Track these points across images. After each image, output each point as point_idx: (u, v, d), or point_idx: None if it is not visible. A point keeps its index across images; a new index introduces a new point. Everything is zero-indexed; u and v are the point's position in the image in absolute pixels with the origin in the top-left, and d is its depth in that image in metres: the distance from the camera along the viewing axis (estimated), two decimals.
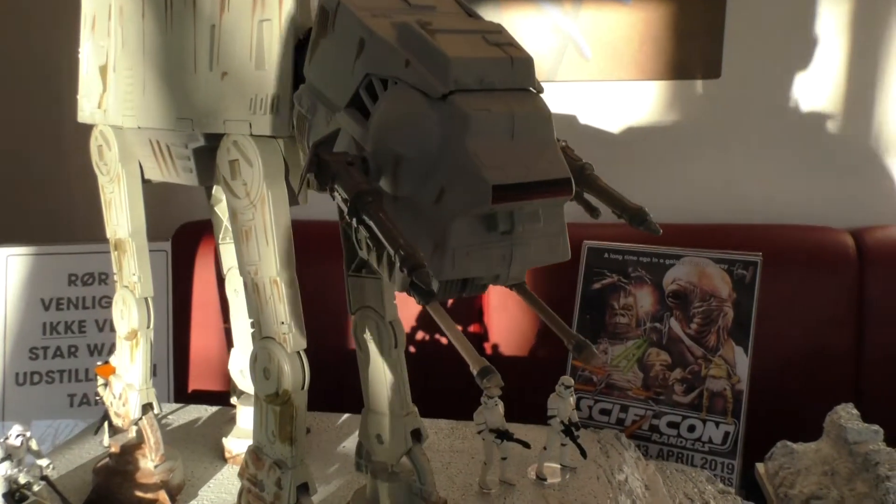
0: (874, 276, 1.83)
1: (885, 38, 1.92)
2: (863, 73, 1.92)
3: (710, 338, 1.46)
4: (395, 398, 1.00)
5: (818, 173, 1.98)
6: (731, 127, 1.97)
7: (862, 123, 1.95)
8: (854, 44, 1.93)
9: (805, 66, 1.93)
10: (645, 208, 0.69)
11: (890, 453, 1.24)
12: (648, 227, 0.69)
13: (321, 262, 1.35)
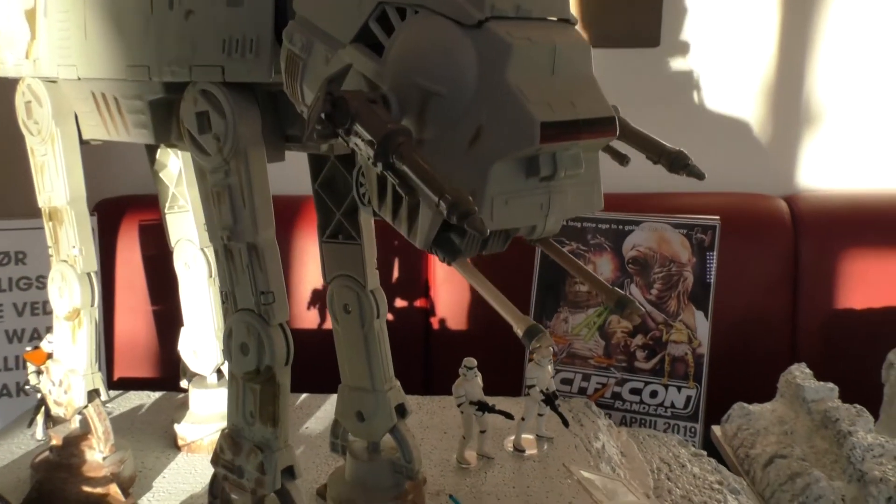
0: (807, 241, 1.90)
1: (817, 11, 1.97)
2: (795, 44, 1.97)
3: (670, 303, 1.46)
4: (377, 372, 0.93)
5: (752, 141, 2.03)
6: (668, 96, 1.99)
7: (794, 93, 2.00)
8: (787, 16, 1.98)
9: (741, 37, 1.96)
10: (685, 151, 0.66)
11: (848, 409, 1.28)
12: (691, 171, 0.65)
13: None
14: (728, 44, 1.96)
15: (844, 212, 1.94)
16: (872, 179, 2.01)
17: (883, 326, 1.83)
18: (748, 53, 1.97)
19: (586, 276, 0.64)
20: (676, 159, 0.65)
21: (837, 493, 1.14)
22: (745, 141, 2.02)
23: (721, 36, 1.96)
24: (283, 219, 0.82)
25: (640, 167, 2.20)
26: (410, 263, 2.00)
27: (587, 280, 0.64)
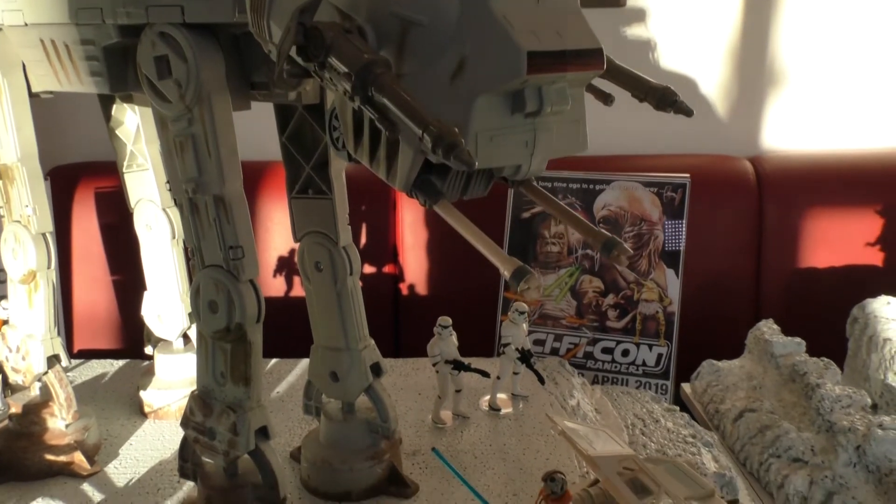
0: (772, 201, 1.92)
1: None
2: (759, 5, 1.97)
3: (641, 262, 1.46)
4: (351, 331, 0.91)
5: (718, 103, 2.03)
6: (632, 57, 1.97)
7: (758, 55, 2.01)
8: None
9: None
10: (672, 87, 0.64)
11: (816, 363, 1.30)
12: (679, 107, 0.64)
13: None
14: (693, 5, 1.95)
15: (808, 172, 1.96)
16: (835, 140, 2.03)
17: (845, 284, 1.85)
18: (713, 15, 1.96)
19: (572, 219, 0.62)
20: (663, 96, 0.63)
21: (807, 444, 1.15)
22: (710, 103, 2.02)
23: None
24: (246, 185, 0.79)
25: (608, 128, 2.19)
26: (378, 229, 1.97)
27: (573, 224, 0.62)
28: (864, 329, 1.43)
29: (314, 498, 0.93)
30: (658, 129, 2.04)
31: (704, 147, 2.02)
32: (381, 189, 1.98)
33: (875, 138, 2.02)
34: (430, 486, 0.96)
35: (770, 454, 1.19)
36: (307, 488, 0.94)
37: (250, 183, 1.39)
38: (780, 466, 1.15)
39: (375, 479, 0.93)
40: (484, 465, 1.00)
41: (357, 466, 0.92)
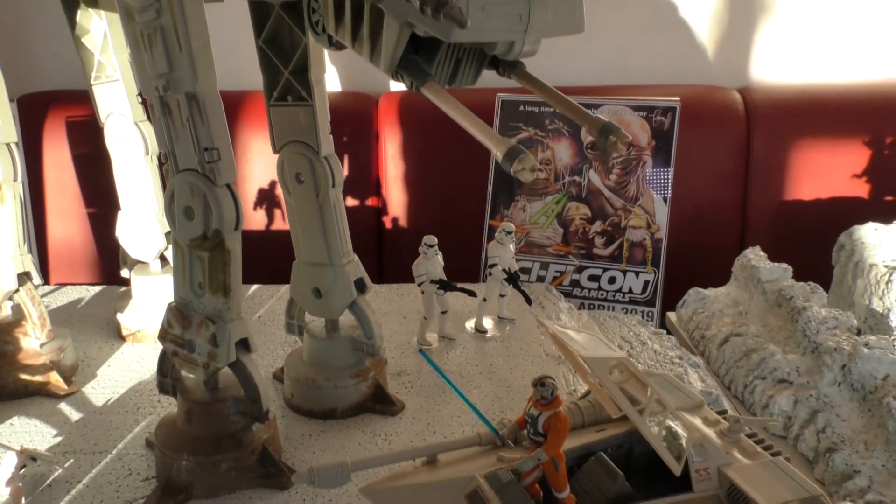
0: (760, 132, 1.89)
1: None
2: None
3: (629, 188, 1.44)
4: (334, 245, 0.88)
5: (709, 34, 1.98)
6: None
7: None
8: None
9: None
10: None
11: (802, 287, 1.29)
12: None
13: None
14: None
15: (796, 104, 1.93)
16: (824, 72, 2.00)
17: (831, 213, 1.85)
18: None
19: (568, 105, 0.59)
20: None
21: (792, 365, 1.15)
22: (701, 34, 1.98)
23: None
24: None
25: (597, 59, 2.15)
26: (360, 162, 1.93)
27: (569, 110, 0.59)
28: (851, 255, 1.42)
29: (298, 416, 0.92)
30: (648, 60, 1.99)
31: (694, 78, 1.99)
32: (363, 120, 1.93)
33: (863, 70, 1.99)
34: (415, 405, 0.94)
35: (755, 376, 1.19)
36: (290, 406, 0.93)
37: (230, 114, 1.33)
38: (764, 388, 1.15)
39: (360, 396, 0.91)
40: (471, 383, 0.99)
41: (342, 384, 0.90)
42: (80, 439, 0.86)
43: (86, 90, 1.05)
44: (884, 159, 1.87)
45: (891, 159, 1.87)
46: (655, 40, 1.97)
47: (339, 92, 2.02)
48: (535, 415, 0.67)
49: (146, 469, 0.82)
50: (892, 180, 1.87)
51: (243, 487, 0.78)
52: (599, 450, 0.74)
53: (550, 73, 1.28)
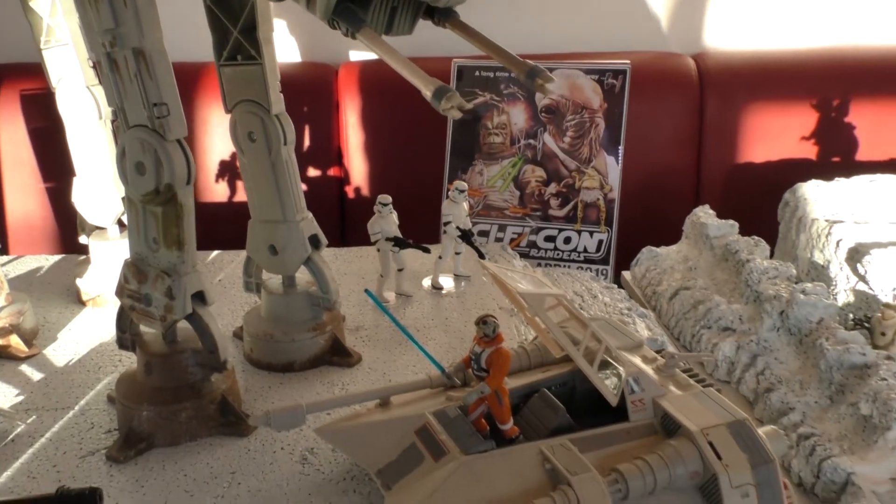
0: (713, 97, 1.95)
1: None
2: None
3: (582, 150, 1.47)
4: (288, 202, 0.90)
5: (663, 3, 2.02)
6: None
7: None
8: None
9: None
10: None
11: (747, 241, 1.35)
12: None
13: None
14: None
15: (747, 69, 1.99)
16: (774, 39, 2.05)
17: (781, 175, 1.91)
18: None
19: (497, 50, 0.62)
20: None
21: (735, 314, 1.21)
22: (657, 2, 2.02)
23: None
24: (183, 88, 0.75)
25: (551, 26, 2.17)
26: (321, 131, 1.94)
27: (498, 55, 0.62)
28: (794, 211, 1.48)
29: (258, 370, 0.94)
30: (602, 27, 2.03)
31: (650, 45, 2.03)
32: (323, 90, 1.94)
33: (811, 37, 2.05)
34: (372, 356, 0.98)
35: (702, 326, 1.24)
36: (250, 361, 0.95)
37: (187, 86, 1.34)
38: (710, 336, 1.21)
39: (318, 349, 0.94)
40: (426, 336, 1.03)
41: (299, 338, 0.93)
42: (42, 397, 0.88)
43: (38, 63, 1.05)
44: (830, 121, 1.94)
45: (836, 121, 1.94)
46: (613, 9, 2.00)
47: (299, 62, 2.02)
48: (479, 352, 0.70)
49: (108, 423, 0.84)
50: (838, 141, 1.94)
51: (204, 435, 0.81)
52: (543, 387, 0.78)
53: (510, 40, 1.30)
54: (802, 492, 0.94)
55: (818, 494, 0.91)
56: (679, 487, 0.68)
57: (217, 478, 0.75)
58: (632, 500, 0.67)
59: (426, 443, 0.71)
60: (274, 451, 0.80)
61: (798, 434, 0.97)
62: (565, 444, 0.70)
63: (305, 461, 0.78)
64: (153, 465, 0.77)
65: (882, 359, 0.98)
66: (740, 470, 0.67)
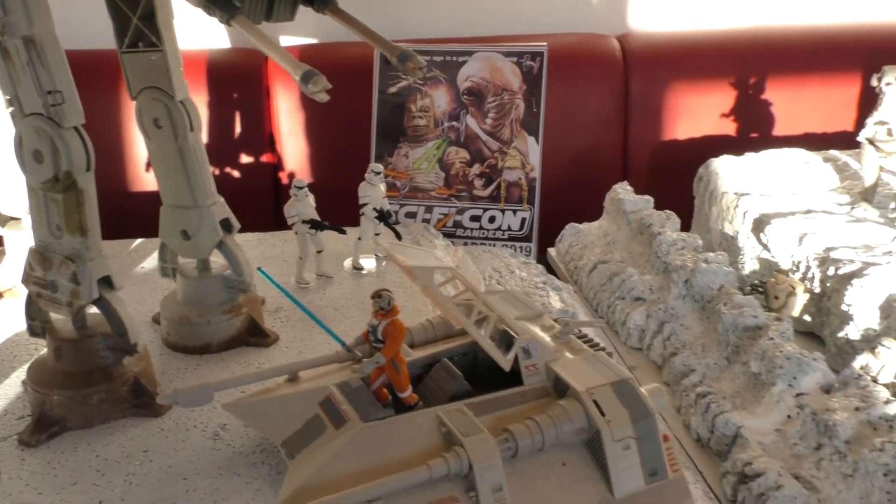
0: (637, 77, 2.00)
1: None
2: None
3: (504, 131, 1.51)
4: (198, 187, 0.92)
5: None
6: None
7: None
8: None
9: None
10: None
11: (660, 215, 1.41)
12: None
13: None
14: None
15: (670, 49, 2.05)
16: (695, 20, 2.12)
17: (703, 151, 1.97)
18: None
19: (372, 36, 0.65)
20: None
21: (646, 284, 1.27)
22: None
23: None
24: (91, 77, 0.75)
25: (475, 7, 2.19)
26: (252, 118, 1.94)
27: (373, 40, 0.65)
28: (707, 185, 1.55)
29: (175, 353, 0.96)
30: (529, 8, 2.07)
31: (575, 26, 2.07)
32: (253, 77, 1.94)
33: (731, 18, 2.12)
34: (290, 336, 1.00)
35: (616, 297, 1.30)
36: (167, 345, 0.97)
37: (109, 75, 1.32)
38: (623, 306, 1.26)
39: (235, 330, 0.96)
40: (343, 315, 1.06)
41: (215, 320, 0.95)
42: None
43: None
44: (748, 99, 2.02)
45: (754, 98, 2.01)
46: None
47: (229, 48, 2.02)
48: (375, 324, 0.74)
49: (22, 409, 0.85)
50: (756, 117, 2.02)
51: (118, 417, 0.83)
52: (445, 357, 0.82)
53: (436, 25, 1.32)
54: (700, 447, 1.00)
55: (713, 448, 0.97)
56: (567, 444, 0.73)
57: (129, 457, 0.77)
58: (522, 457, 0.71)
59: (329, 413, 0.74)
60: (187, 429, 0.82)
61: (696, 393, 1.03)
62: (461, 409, 0.73)
63: (217, 437, 0.81)
64: (65, 447, 0.78)
65: (772, 320, 1.05)
66: (622, 424, 0.72)
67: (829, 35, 2.07)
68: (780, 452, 0.90)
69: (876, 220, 1.28)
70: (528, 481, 0.71)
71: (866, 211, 1.31)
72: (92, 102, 0.78)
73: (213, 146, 1.94)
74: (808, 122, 2.03)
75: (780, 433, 0.92)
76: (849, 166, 1.49)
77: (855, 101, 2.00)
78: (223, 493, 0.73)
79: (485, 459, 0.68)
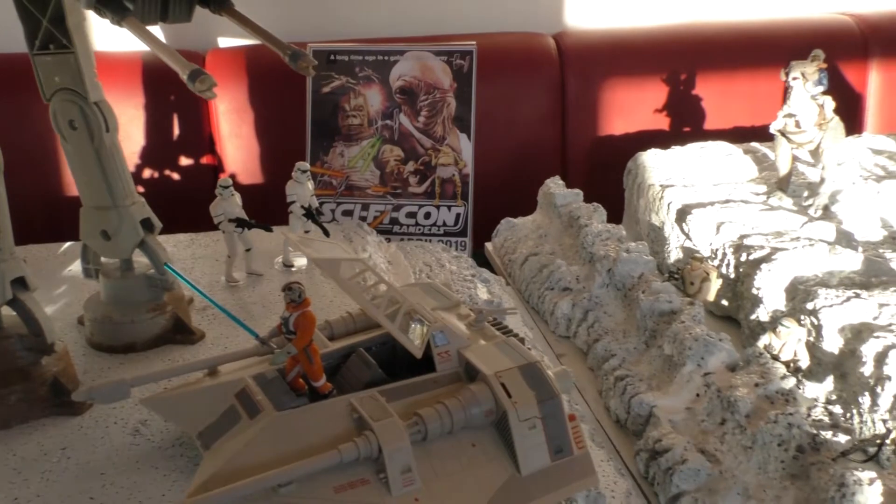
0: (573, 75, 2.05)
1: None
2: None
3: (436, 128, 1.54)
4: (116, 188, 0.92)
5: None
6: None
7: None
8: None
9: None
10: None
11: (588, 207, 1.45)
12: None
13: None
14: None
15: (604, 47, 2.10)
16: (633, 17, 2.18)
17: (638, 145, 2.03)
18: None
19: (266, 35, 0.67)
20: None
21: (573, 275, 1.31)
22: None
23: None
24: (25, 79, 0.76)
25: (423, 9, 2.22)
26: (191, 120, 1.93)
27: (268, 41, 0.67)
28: (636, 178, 1.60)
29: (100, 353, 0.97)
30: (468, 8, 2.10)
31: (513, 25, 2.11)
32: None
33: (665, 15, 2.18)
34: (217, 333, 1.01)
35: (546, 287, 1.33)
36: (92, 345, 0.98)
37: (28, 77, 1.31)
38: (552, 296, 1.30)
39: (159, 329, 0.97)
40: (271, 311, 1.07)
41: (138, 318, 0.96)
42: None
43: None
44: (680, 94, 2.08)
45: (685, 93, 2.08)
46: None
47: None
48: (287, 316, 0.76)
49: None
50: (688, 112, 2.08)
51: (37, 417, 0.83)
52: (362, 347, 0.85)
53: (377, 25, 1.30)
54: (619, 427, 1.04)
55: (629, 428, 1.01)
56: (477, 426, 0.76)
57: (47, 454, 0.78)
58: (432, 439, 0.74)
59: (244, 404, 0.75)
60: (107, 426, 0.83)
61: (615, 376, 1.07)
62: (373, 396, 0.76)
63: (137, 433, 0.82)
64: None
65: (686, 304, 1.10)
66: (528, 405, 0.75)
67: (756, 30, 2.15)
68: (690, 429, 0.95)
69: (789, 209, 1.34)
70: (438, 462, 0.74)
71: (781, 200, 1.37)
72: (11, 106, 0.79)
73: (151, 148, 1.94)
74: (737, 116, 2.10)
75: (689, 411, 0.97)
76: (768, 157, 1.56)
77: (780, 95, 2.07)
78: (140, 485, 0.74)
79: (394, 442, 0.71)
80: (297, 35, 1.96)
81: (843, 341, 0.98)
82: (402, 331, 0.77)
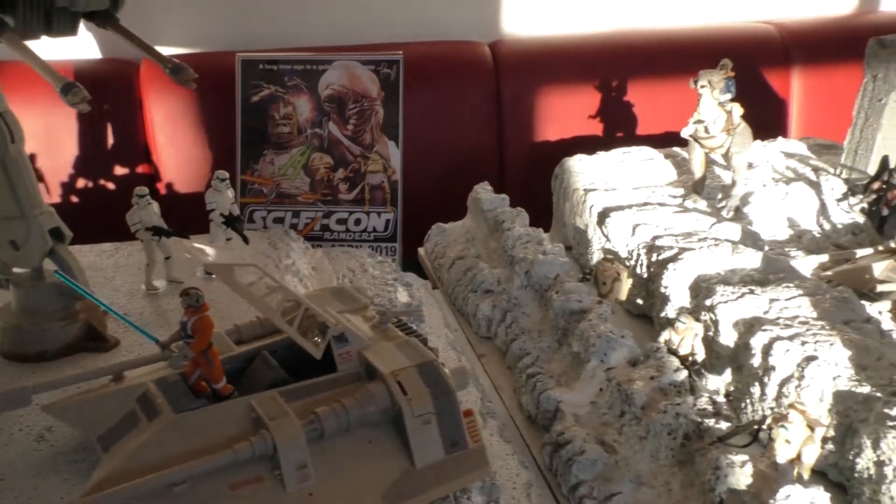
0: (508, 82, 2.10)
1: None
2: None
3: (365, 136, 1.57)
4: (24, 198, 0.93)
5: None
6: None
7: None
8: None
9: None
10: None
11: (511, 211, 1.49)
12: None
13: None
14: None
15: (539, 55, 2.16)
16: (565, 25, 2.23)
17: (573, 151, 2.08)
18: None
19: (150, 51, 0.69)
20: None
21: (495, 277, 1.34)
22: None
23: None
24: None
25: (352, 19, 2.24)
26: (125, 129, 1.93)
27: (151, 55, 0.69)
28: (562, 183, 1.64)
29: (10, 362, 0.97)
30: (403, 16, 2.14)
31: (451, 34, 2.16)
32: (124, 87, 1.93)
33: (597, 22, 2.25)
34: (131, 341, 1.02)
35: (469, 290, 1.37)
36: (2, 354, 0.98)
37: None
38: (475, 299, 1.34)
39: (71, 337, 0.98)
40: None
41: (48, 327, 0.96)
42: None
43: None
44: (612, 100, 2.14)
45: (617, 99, 2.14)
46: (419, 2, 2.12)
47: (99, 59, 2.00)
48: (185, 321, 0.78)
49: None
50: (620, 117, 2.14)
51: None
52: (267, 350, 0.87)
53: (313, 31, 1.28)
54: (530, 423, 1.08)
55: (539, 423, 1.05)
56: (374, 423, 0.79)
57: None
58: (329, 437, 0.76)
59: (144, 407, 0.77)
60: (11, 433, 0.84)
61: (527, 374, 1.11)
62: (273, 396, 0.78)
63: (42, 439, 0.83)
64: None
65: (595, 304, 1.14)
66: (422, 402, 0.78)
67: (685, 38, 2.23)
68: (592, 422, 0.99)
69: (702, 210, 1.40)
70: (335, 459, 0.76)
71: (696, 202, 1.42)
72: None
73: (86, 158, 1.94)
74: (666, 121, 2.16)
75: (593, 405, 1.01)
76: (687, 162, 1.61)
77: None
78: (40, 490, 0.75)
79: (289, 440, 0.73)
80: (227, 44, 1.97)
81: (737, 335, 1.03)
82: (301, 333, 0.80)
